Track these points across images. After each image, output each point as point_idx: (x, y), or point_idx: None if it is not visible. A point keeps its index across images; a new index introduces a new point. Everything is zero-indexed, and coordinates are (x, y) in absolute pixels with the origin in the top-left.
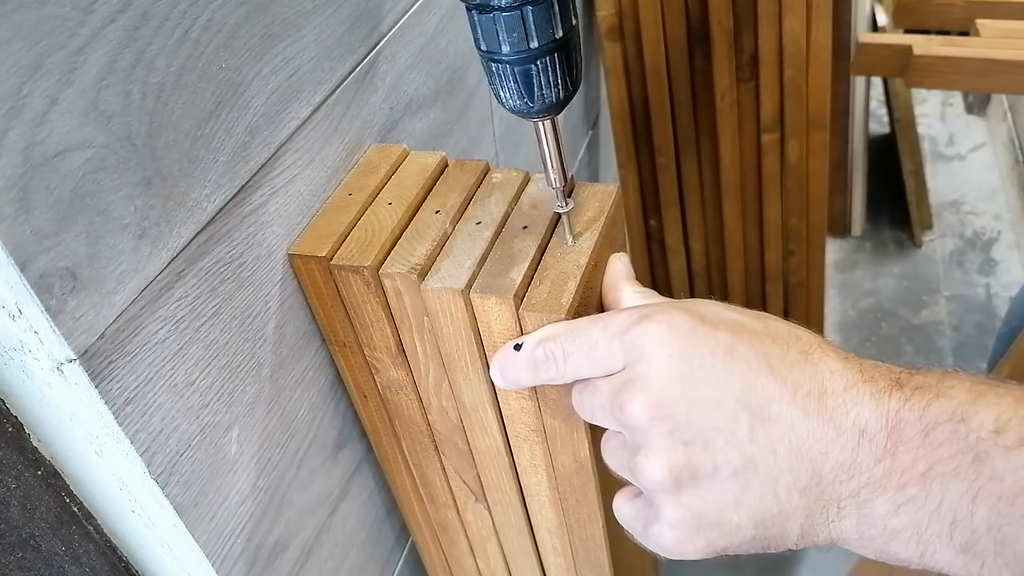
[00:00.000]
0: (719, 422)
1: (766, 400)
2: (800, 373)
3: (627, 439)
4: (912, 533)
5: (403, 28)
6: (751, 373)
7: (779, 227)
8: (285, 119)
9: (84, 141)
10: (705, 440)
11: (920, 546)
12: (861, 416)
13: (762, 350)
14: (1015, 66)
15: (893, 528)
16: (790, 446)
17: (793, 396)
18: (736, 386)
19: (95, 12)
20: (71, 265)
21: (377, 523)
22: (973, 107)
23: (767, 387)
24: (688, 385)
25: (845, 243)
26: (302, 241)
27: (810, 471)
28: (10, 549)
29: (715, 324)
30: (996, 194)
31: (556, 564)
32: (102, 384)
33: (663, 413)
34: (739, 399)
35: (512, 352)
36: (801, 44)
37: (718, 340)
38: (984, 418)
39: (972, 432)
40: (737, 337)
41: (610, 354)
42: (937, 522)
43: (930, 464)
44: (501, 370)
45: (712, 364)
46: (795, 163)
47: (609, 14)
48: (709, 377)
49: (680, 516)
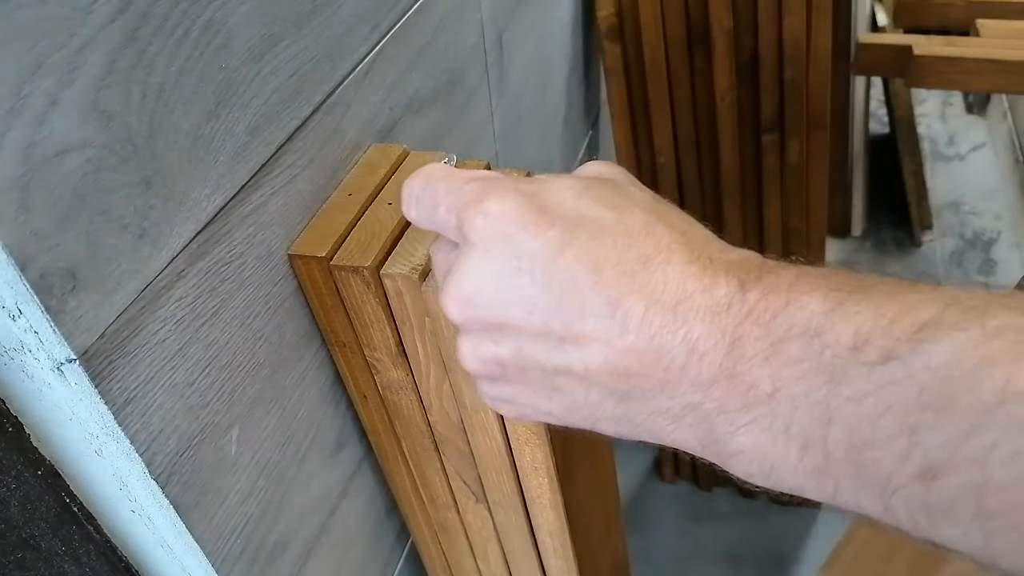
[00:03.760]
0: (530, 329)
1: (580, 313)
2: (630, 283)
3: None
4: (755, 455)
5: (403, 28)
6: (573, 282)
7: (779, 227)
8: (285, 119)
9: (84, 141)
10: (515, 343)
11: (765, 467)
12: (691, 334)
13: (596, 254)
14: (1015, 66)
15: (732, 449)
16: (606, 363)
17: (613, 310)
18: (552, 295)
19: (95, 12)
20: (71, 265)
21: (377, 523)
22: (973, 107)
23: (587, 299)
24: (501, 287)
25: (845, 243)
26: (302, 241)
27: (627, 385)
28: (10, 549)
29: (552, 219)
30: (996, 194)
31: (557, 567)
32: (102, 384)
33: (474, 314)
34: (552, 309)
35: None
36: (801, 44)
37: (546, 240)
38: (841, 332)
39: (827, 349)
40: (571, 236)
41: (447, 223)
42: (784, 445)
43: (777, 385)
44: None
45: (531, 268)
46: (795, 163)
47: (609, 14)
48: (523, 282)
49: (493, 394)
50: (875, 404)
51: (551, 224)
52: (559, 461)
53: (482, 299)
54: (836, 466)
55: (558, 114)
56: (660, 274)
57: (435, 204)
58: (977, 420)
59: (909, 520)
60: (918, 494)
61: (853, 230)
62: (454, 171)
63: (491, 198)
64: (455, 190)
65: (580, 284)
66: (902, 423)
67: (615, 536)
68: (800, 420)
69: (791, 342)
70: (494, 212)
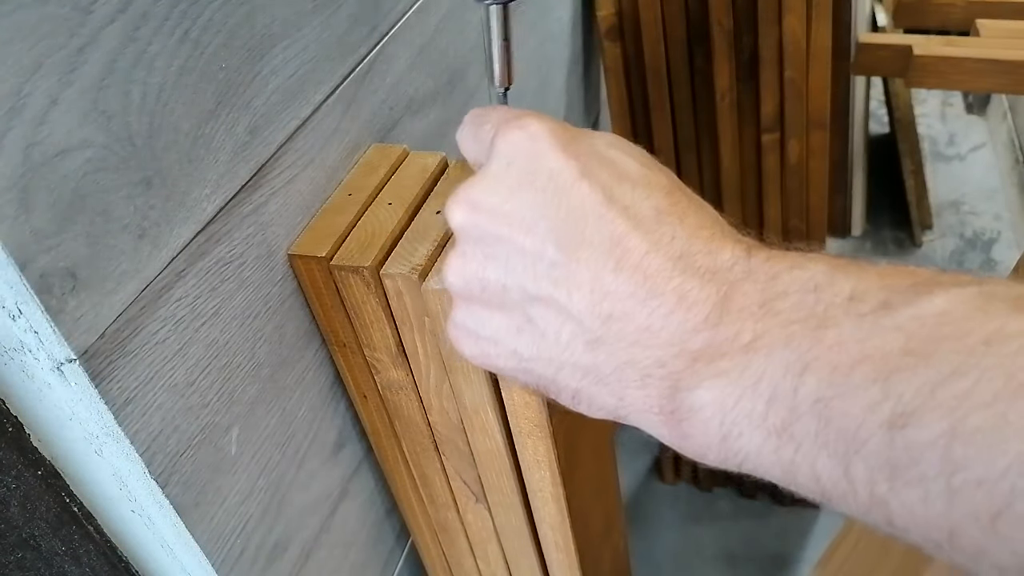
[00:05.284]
0: (525, 247)
1: (580, 242)
2: (637, 227)
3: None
4: (715, 411)
5: (403, 28)
6: (581, 209)
7: (779, 227)
8: (285, 119)
9: (84, 141)
10: (506, 259)
11: (723, 427)
12: (685, 285)
13: (611, 192)
14: (1015, 66)
15: (692, 404)
16: (591, 296)
17: (613, 247)
18: (557, 218)
19: (95, 12)
20: (71, 265)
21: (377, 523)
22: (973, 107)
23: (590, 228)
24: (511, 199)
25: (845, 243)
26: (302, 241)
27: (604, 328)
28: (10, 549)
29: (579, 152)
30: (996, 194)
31: (559, 560)
32: (102, 384)
33: (477, 219)
34: (553, 231)
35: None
36: (801, 44)
37: (569, 166)
38: (840, 288)
39: (822, 301)
40: (594, 171)
41: (486, 137)
42: (751, 399)
43: (757, 334)
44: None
45: (544, 187)
46: (795, 163)
47: (609, 14)
48: (535, 200)
49: (462, 319)
50: (856, 351)
51: (577, 155)
52: (561, 455)
53: (489, 205)
54: (800, 423)
55: (558, 114)
56: (669, 228)
57: (484, 121)
58: (959, 363)
59: (867, 484)
60: (883, 448)
61: (853, 230)
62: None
63: (533, 118)
64: (506, 112)
65: (587, 213)
66: (880, 369)
67: (616, 533)
68: (772, 372)
69: (786, 298)
70: (531, 128)
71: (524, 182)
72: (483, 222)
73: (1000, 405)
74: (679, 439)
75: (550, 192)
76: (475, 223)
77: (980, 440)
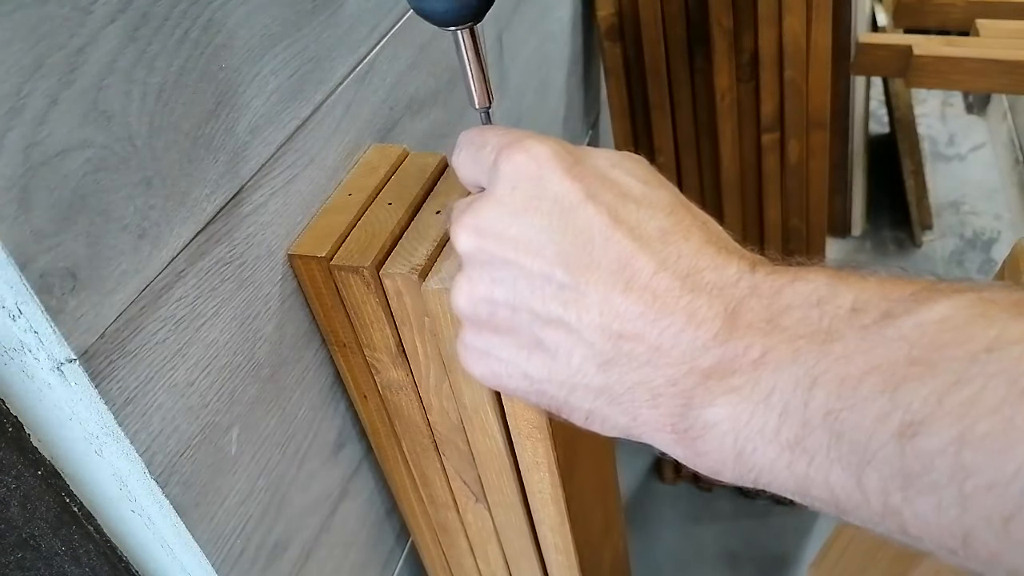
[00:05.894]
0: (533, 270)
1: (588, 264)
2: (644, 247)
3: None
4: (729, 427)
5: (403, 28)
6: (587, 232)
7: (779, 227)
8: (285, 119)
9: (84, 141)
10: (513, 283)
11: (738, 443)
12: (694, 303)
13: (616, 214)
14: (1015, 66)
15: (706, 421)
16: (601, 318)
17: (621, 268)
18: (564, 241)
19: (95, 12)
20: (71, 265)
21: (377, 523)
22: (973, 107)
23: (597, 251)
24: (516, 223)
25: (845, 243)
26: (302, 241)
27: (615, 348)
28: (10, 549)
29: (583, 174)
30: (996, 194)
31: (558, 562)
32: (102, 384)
33: (483, 244)
34: (560, 254)
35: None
36: (801, 44)
37: (573, 189)
38: (842, 300)
39: (826, 314)
40: (598, 192)
41: (487, 160)
42: (763, 414)
43: (765, 349)
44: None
45: (550, 211)
46: (795, 163)
47: (609, 14)
48: (541, 223)
49: (471, 341)
50: (863, 363)
51: (582, 177)
52: (560, 456)
53: (495, 230)
54: (812, 436)
55: (558, 114)
56: (675, 247)
57: (483, 143)
58: (963, 371)
59: (881, 495)
60: (894, 458)
61: (853, 230)
62: (497, 127)
63: (534, 140)
64: (505, 134)
65: (594, 235)
66: (887, 380)
67: (616, 534)
68: (783, 386)
69: (792, 312)
70: (534, 151)
71: (529, 206)
72: (490, 247)
73: (1006, 410)
74: (693, 456)
75: (556, 215)
76: (481, 248)
77: (989, 445)
